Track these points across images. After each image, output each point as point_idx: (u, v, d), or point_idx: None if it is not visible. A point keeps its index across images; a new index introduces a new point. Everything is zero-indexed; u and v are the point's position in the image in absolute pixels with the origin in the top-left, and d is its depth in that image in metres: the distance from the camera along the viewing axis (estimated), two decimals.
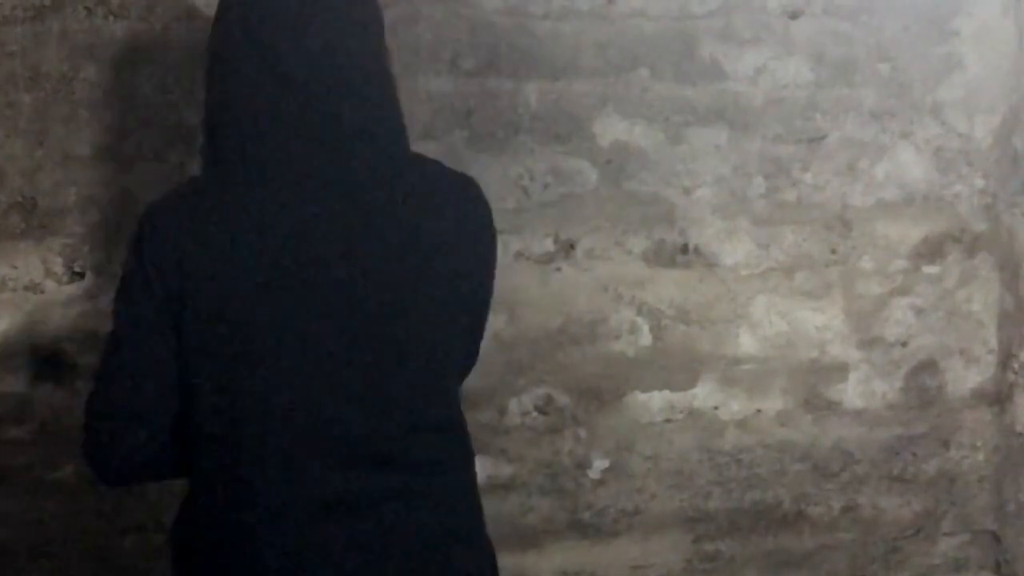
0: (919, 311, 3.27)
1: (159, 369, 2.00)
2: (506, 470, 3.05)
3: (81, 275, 2.79)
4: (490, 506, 3.01)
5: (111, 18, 2.74)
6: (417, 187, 2.12)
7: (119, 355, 2.03)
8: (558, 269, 3.04)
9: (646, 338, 3.12)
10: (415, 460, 2.08)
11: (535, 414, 3.08)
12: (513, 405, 3.06)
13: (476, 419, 2.27)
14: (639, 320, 3.11)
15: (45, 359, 2.81)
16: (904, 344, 3.27)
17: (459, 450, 2.19)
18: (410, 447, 2.08)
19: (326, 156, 2.03)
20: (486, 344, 2.93)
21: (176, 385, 2.01)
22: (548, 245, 3.02)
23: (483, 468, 2.96)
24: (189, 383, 2.00)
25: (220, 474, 2.04)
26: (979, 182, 3.24)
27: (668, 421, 3.17)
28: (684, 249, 3.10)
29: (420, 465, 2.09)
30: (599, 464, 3.13)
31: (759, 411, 3.23)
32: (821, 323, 3.21)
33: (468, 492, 2.22)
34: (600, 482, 3.15)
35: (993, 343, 3.33)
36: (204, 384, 2.00)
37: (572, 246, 3.04)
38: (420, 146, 2.85)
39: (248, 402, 2.00)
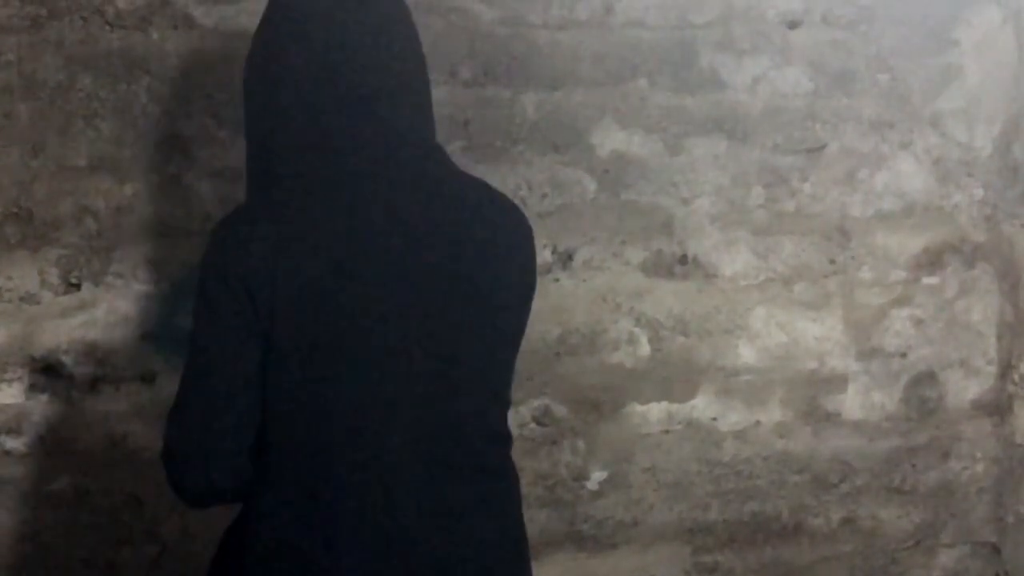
0: (919, 322, 3.26)
1: (246, 390, 1.98)
2: None
3: (77, 286, 2.78)
4: None
5: (107, 28, 2.73)
6: (468, 199, 2.13)
7: (204, 377, 2.00)
8: (556, 280, 3.03)
9: (644, 349, 3.11)
10: (489, 467, 2.16)
11: (533, 425, 3.08)
12: (511, 416, 3.04)
13: None
14: (637, 331, 3.10)
15: (41, 370, 2.80)
16: (903, 355, 3.27)
17: (510, 459, 2.24)
18: (484, 454, 2.14)
19: (389, 170, 2.04)
20: None
21: (259, 405, 2.00)
22: (546, 255, 3.01)
23: None
24: (276, 400, 2.00)
25: (303, 489, 2.03)
26: (979, 192, 3.24)
27: (667, 432, 3.16)
28: (683, 259, 3.10)
29: (492, 472, 2.16)
30: (597, 475, 3.12)
31: (758, 422, 3.22)
32: (820, 334, 3.21)
33: (518, 498, 2.27)
34: (598, 493, 3.14)
35: (993, 354, 3.33)
36: (292, 401, 2.00)
37: (570, 256, 3.03)
38: None
39: (336, 416, 2.00)
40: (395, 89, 2.08)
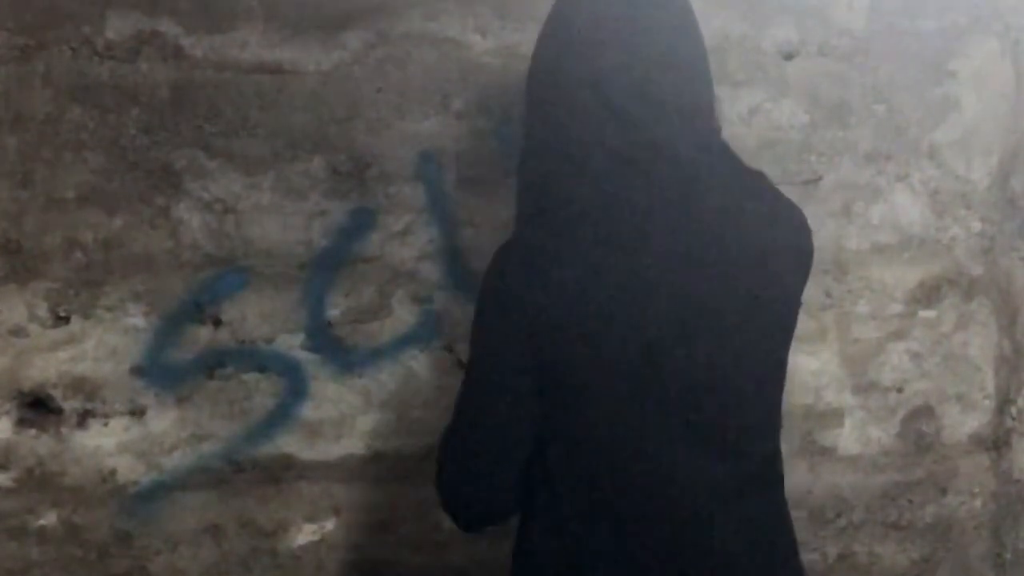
0: (915, 356, 3.23)
1: (521, 417, 2.02)
2: None
3: (66, 319, 2.77)
4: (483, 549, 2.99)
5: (96, 59, 2.71)
6: (751, 218, 2.11)
7: (480, 404, 2.05)
8: None
9: None
10: (767, 492, 2.19)
11: None
12: None
13: None
14: None
15: (29, 404, 2.79)
16: (900, 389, 3.24)
17: (782, 476, 2.26)
18: (762, 480, 2.16)
19: (666, 196, 2.02)
20: None
21: (533, 431, 2.03)
22: None
23: None
24: (550, 425, 2.03)
25: (578, 515, 2.05)
26: (976, 225, 3.22)
27: None
28: None
29: (770, 497, 2.20)
30: None
31: None
32: (816, 368, 3.18)
33: (790, 519, 2.30)
34: None
35: (990, 388, 3.30)
36: (566, 427, 2.03)
37: None
38: (409, 188, 2.84)
39: (611, 444, 2.02)
40: (676, 114, 2.05)
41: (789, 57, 3.05)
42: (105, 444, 2.81)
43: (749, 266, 2.05)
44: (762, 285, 2.07)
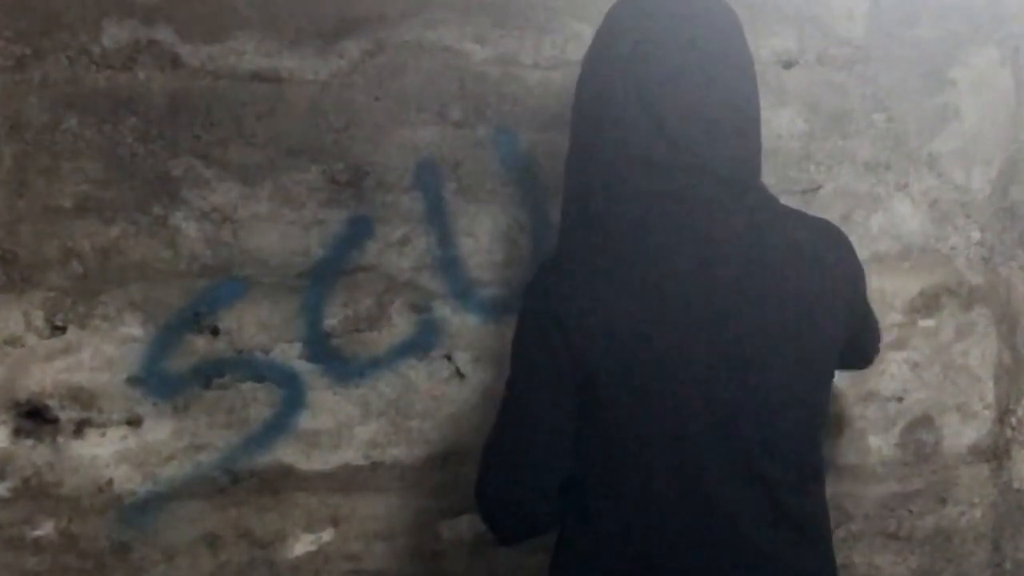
0: (915, 365, 3.23)
1: (562, 433, 2.05)
2: None
3: (63, 329, 2.75)
4: (480, 563, 2.97)
5: (93, 68, 2.70)
6: (789, 237, 2.10)
7: (521, 421, 2.07)
8: None
9: None
10: (805, 508, 2.14)
11: None
12: None
13: (469, 475, 2.24)
14: None
15: (26, 414, 2.77)
16: (900, 399, 3.23)
17: (823, 495, 2.23)
18: (800, 494, 2.13)
19: (706, 212, 2.03)
20: (478, 399, 2.91)
21: (571, 445, 2.06)
22: None
23: (473, 524, 2.93)
24: (590, 440, 2.05)
25: (617, 526, 2.06)
26: (976, 234, 3.21)
27: None
28: None
29: (807, 513, 2.15)
30: None
31: None
32: None
33: (830, 536, 2.27)
34: None
35: (990, 398, 3.30)
36: (607, 442, 2.04)
37: None
38: (407, 197, 2.84)
39: (651, 459, 2.02)
40: (720, 132, 2.06)
41: (788, 66, 3.05)
42: (102, 454, 2.80)
43: (800, 292, 2.06)
44: (813, 312, 2.07)
